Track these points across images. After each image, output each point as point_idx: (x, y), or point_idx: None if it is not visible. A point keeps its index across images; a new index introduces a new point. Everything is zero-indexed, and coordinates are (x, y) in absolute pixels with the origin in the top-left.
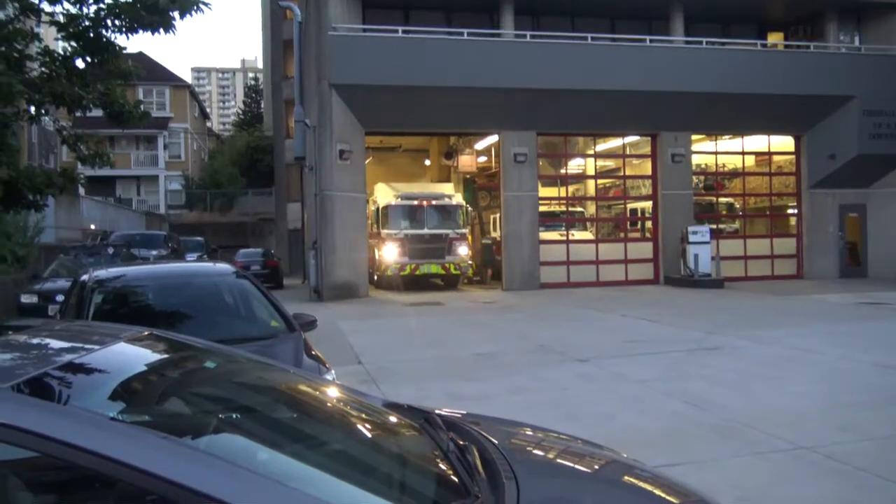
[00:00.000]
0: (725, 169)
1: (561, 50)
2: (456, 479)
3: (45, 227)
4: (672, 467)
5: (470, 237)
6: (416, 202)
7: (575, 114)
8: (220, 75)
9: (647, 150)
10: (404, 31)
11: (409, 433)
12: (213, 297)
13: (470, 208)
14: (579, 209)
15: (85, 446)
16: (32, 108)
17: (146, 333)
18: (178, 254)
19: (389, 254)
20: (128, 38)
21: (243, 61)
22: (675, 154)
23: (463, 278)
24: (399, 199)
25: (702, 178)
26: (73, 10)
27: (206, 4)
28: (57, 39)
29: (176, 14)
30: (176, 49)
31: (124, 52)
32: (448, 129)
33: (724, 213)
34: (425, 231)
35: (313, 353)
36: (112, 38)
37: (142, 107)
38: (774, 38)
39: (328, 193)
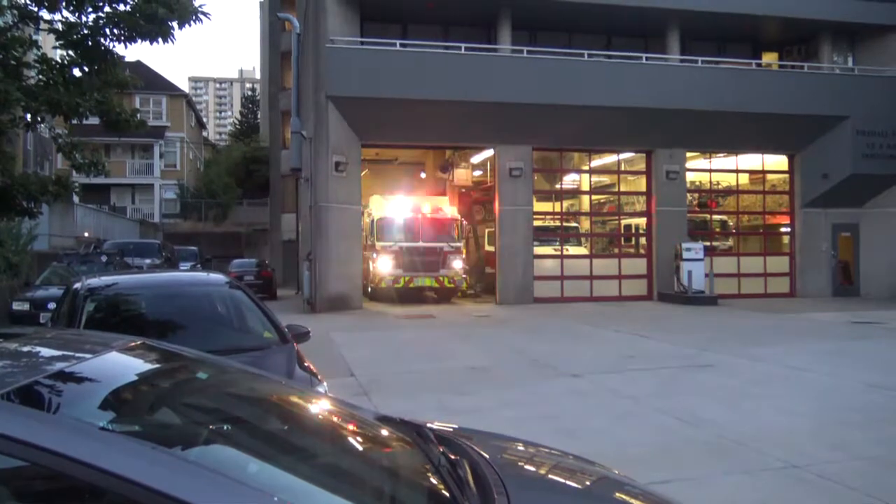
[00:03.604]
0: (720, 186)
1: (557, 65)
2: (447, 494)
3: (39, 235)
4: (663, 484)
5: (465, 250)
6: (410, 215)
7: (570, 129)
8: (217, 85)
9: (642, 166)
10: (402, 45)
11: (401, 447)
12: (205, 307)
13: (465, 222)
14: (574, 224)
15: (74, 456)
16: (29, 116)
17: (138, 343)
18: (172, 263)
19: (384, 266)
20: (126, 47)
21: (241, 71)
22: (669, 171)
23: (457, 291)
24: (394, 212)
25: (696, 195)
26: (72, 19)
27: (204, 14)
28: (55, 48)
29: (174, 24)
30: (174, 58)
31: (122, 60)
32: (444, 143)
33: (717, 230)
34: (420, 244)
35: (306, 364)
36: (110, 47)
37: (138, 115)
38: (769, 58)
39: (323, 205)
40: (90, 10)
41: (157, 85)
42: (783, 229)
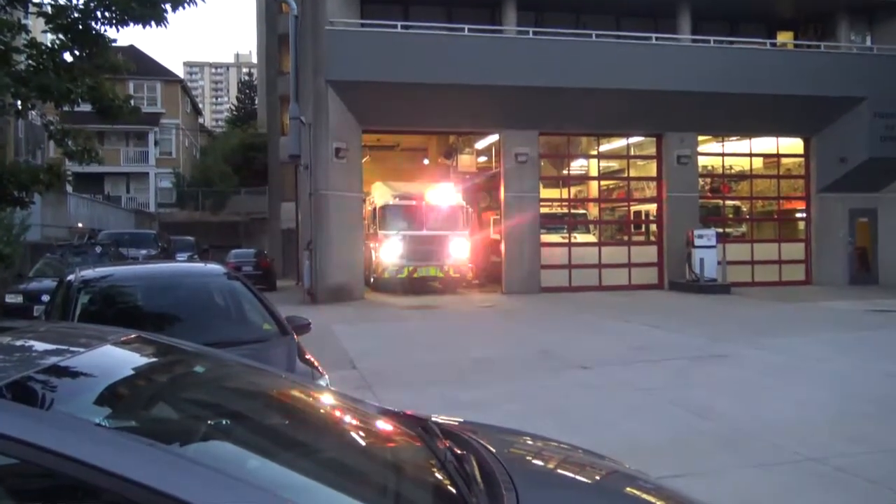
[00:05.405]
0: (732, 171)
1: (564, 47)
2: (453, 490)
3: (31, 225)
4: (676, 478)
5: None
6: (414, 202)
7: (578, 113)
8: (213, 70)
9: (652, 151)
10: (403, 27)
11: (406, 441)
12: (203, 299)
13: (470, 209)
14: (582, 211)
15: (68, 453)
16: (19, 102)
17: (134, 336)
18: (168, 253)
19: (387, 255)
20: (118, 30)
21: (237, 56)
22: (680, 155)
23: (462, 281)
24: (397, 199)
25: (708, 180)
26: (62, 1)
27: None
28: (45, 31)
29: (168, 7)
30: (168, 43)
31: (114, 45)
32: (448, 128)
33: (730, 216)
34: (424, 232)
35: (307, 357)
36: (102, 31)
37: (132, 102)
38: (784, 38)
39: (323, 193)
40: None
41: (152, 70)
42: (798, 215)
